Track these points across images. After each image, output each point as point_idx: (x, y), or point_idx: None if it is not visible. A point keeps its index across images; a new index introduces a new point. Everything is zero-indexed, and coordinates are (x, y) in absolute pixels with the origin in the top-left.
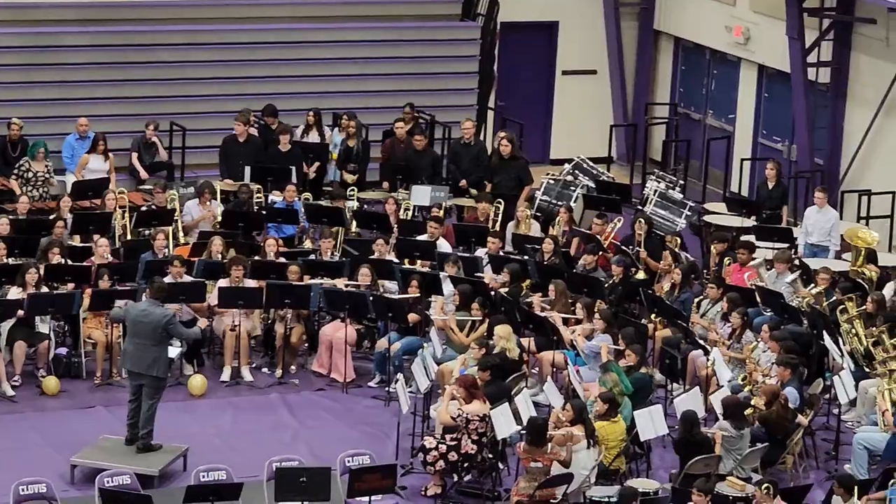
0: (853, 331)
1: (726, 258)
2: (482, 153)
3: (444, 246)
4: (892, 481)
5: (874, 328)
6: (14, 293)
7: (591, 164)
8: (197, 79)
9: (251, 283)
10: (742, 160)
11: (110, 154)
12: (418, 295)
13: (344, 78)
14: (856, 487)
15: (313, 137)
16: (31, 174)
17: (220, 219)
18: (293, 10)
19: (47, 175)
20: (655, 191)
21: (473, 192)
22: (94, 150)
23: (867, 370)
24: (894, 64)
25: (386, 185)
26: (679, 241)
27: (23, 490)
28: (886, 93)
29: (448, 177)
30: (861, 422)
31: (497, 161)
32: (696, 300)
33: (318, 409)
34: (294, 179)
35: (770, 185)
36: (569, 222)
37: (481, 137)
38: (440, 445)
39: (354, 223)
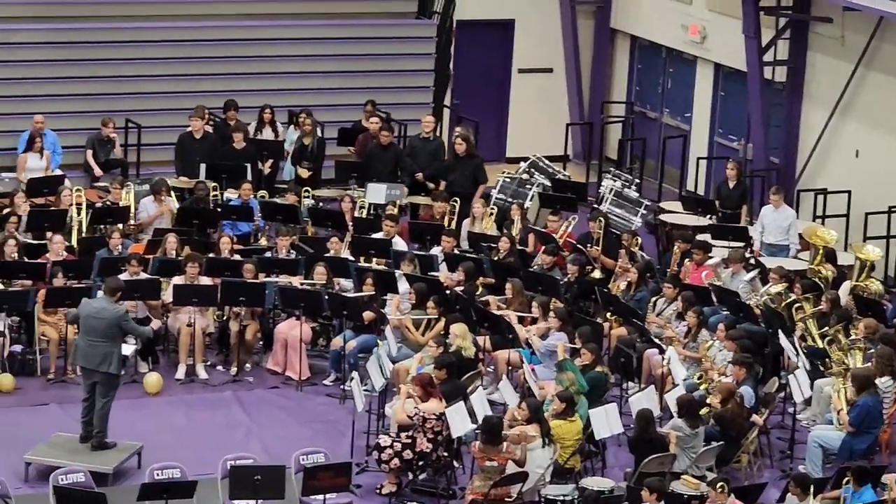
0: (807, 330)
1: (686, 258)
2: (440, 149)
3: (399, 244)
4: (846, 480)
5: (829, 327)
6: None
7: (546, 162)
8: (151, 76)
9: (206, 280)
10: (698, 159)
11: (45, 151)
12: (373, 293)
13: (298, 75)
14: (811, 486)
15: (267, 135)
16: None
17: (175, 214)
18: (248, 7)
19: None
20: (611, 189)
21: (430, 185)
22: (31, 149)
23: (822, 369)
24: (850, 63)
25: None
26: (638, 240)
27: None
28: (842, 92)
29: (405, 170)
30: (816, 421)
31: (452, 159)
32: (652, 299)
33: (272, 407)
34: (249, 177)
35: (731, 185)
36: (522, 219)
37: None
38: (395, 443)
39: (310, 221)
